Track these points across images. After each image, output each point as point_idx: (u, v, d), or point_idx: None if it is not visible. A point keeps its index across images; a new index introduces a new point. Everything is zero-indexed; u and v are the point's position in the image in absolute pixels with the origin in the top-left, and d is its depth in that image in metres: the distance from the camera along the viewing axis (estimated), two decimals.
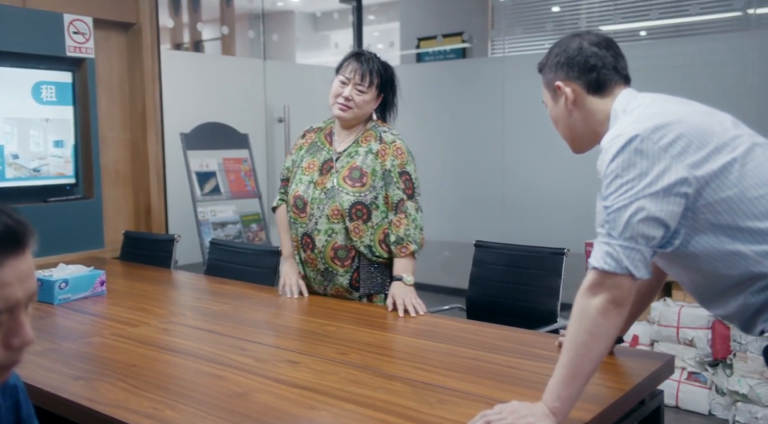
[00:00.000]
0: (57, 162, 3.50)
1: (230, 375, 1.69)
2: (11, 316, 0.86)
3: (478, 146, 4.91)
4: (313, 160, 2.50)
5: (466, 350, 1.88)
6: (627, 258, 1.30)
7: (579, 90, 1.53)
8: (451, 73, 5.20)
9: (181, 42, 9.65)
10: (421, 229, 2.43)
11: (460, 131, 5.01)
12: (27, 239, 0.87)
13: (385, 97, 2.53)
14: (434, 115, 5.17)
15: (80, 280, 2.56)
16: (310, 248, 2.44)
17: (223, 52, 8.89)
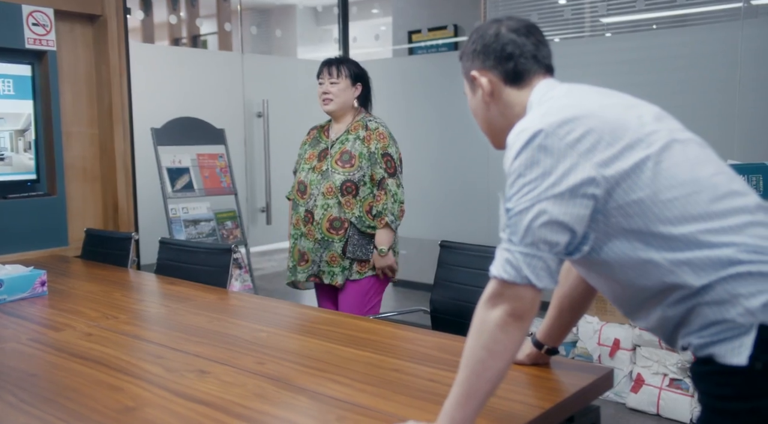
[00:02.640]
0: (17, 158, 3.42)
1: (130, 387, 1.58)
2: None
3: (463, 141, 4.76)
4: (313, 151, 2.96)
5: (393, 360, 1.75)
6: (527, 266, 1.17)
7: (495, 80, 1.39)
8: (440, 65, 5.05)
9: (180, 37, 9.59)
10: (401, 202, 2.87)
11: (446, 126, 4.86)
12: None
13: (364, 88, 2.96)
14: (422, 109, 5.03)
15: (17, 280, 2.46)
16: (310, 221, 2.88)
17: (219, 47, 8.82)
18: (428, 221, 4.95)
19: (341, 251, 2.85)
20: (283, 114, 4.83)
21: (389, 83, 4.97)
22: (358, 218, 2.83)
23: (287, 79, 4.98)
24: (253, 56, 4.97)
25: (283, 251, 8.16)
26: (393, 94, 4.95)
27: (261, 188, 4.80)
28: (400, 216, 2.87)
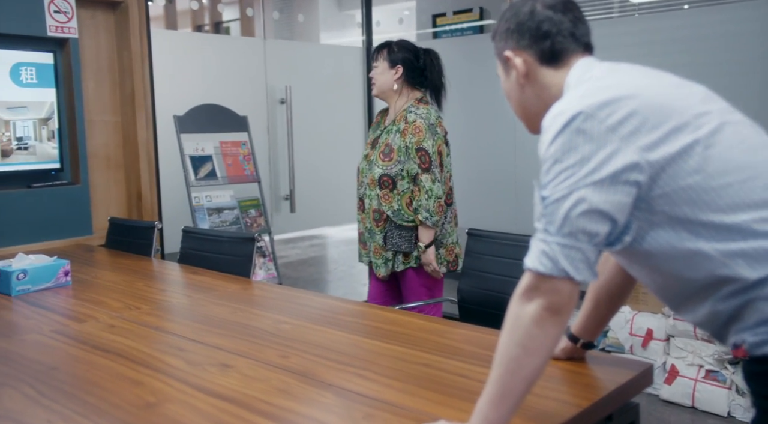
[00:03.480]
0: (40, 147, 3.41)
1: (151, 381, 1.54)
2: None
3: (489, 127, 4.66)
4: (372, 137, 2.96)
5: (421, 353, 1.69)
6: (565, 258, 1.09)
7: (531, 61, 1.31)
8: (465, 48, 4.94)
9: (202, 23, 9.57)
10: (437, 197, 2.74)
11: (471, 111, 4.76)
12: None
13: (409, 69, 2.83)
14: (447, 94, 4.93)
15: (40, 270, 2.45)
16: (362, 208, 2.92)
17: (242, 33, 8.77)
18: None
19: (382, 242, 2.83)
20: (306, 100, 4.77)
21: None
22: (395, 211, 2.78)
23: (310, 65, 4.91)
24: (276, 42, 4.91)
25: (306, 239, 8.14)
26: None
27: (284, 176, 4.76)
28: (438, 211, 2.74)
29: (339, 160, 4.97)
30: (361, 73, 5.13)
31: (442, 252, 2.85)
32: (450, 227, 2.88)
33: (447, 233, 2.87)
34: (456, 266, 2.89)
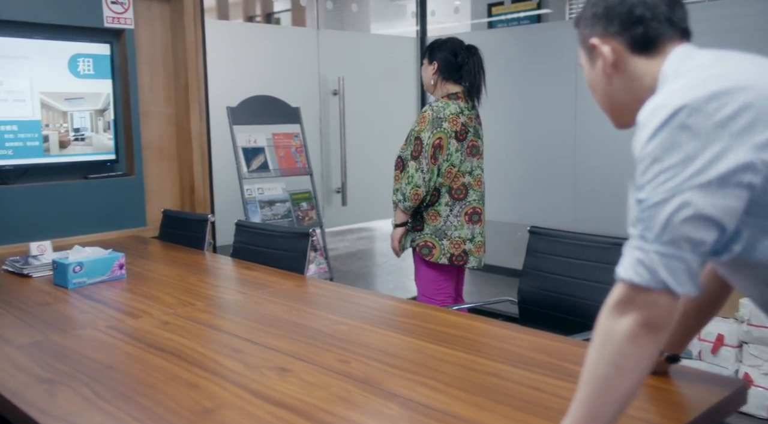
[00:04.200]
0: (96, 138, 3.41)
1: (207, 384, 1.48)
2: None
3: (547, 119, 4.50)
4: None
5: (487, 362, 1.59)
6: (665, 268, 0.98)
7: (620, 49, 1.19)
8: (522, 39, 4.77)
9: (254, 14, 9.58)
10: (416, 185, 2.80)
11: (529, 103, 4.60)
12: None
13: (441, 63, 2.92)
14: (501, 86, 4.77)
15: (96, 263, 2.43)
16: None
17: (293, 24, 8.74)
18: (508, 204, 4.72)
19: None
20: (359, 92, 4.69)
21: None
22: (398, 190, 2.89)
23: (363, 56, 4.83)
24: (329, 32, 4.84)
25: (355, 232, 8.08)
26: None
27: (336, 168, 4.70)
28: (412, 198, 2.81)
29: (391, 153, 4.86)
30: (414, 64, 5.02)
31: (446, 244, 2.87)
32: (458, 221, 2.87)
33: (453, 226, 2.87)
34: (462, 261, 2.89)
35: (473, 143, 2.90)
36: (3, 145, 3.11)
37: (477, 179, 2.92)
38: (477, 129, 2.95)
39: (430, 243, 2.87)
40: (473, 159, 2.90)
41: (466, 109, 2.89)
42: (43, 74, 3.19)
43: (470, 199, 2.89)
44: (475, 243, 2.91)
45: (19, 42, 3.10)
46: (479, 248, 2.93)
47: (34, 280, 2.51)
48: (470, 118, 2.89)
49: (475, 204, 2.91)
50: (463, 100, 2.89)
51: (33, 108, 3.17)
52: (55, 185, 3.29)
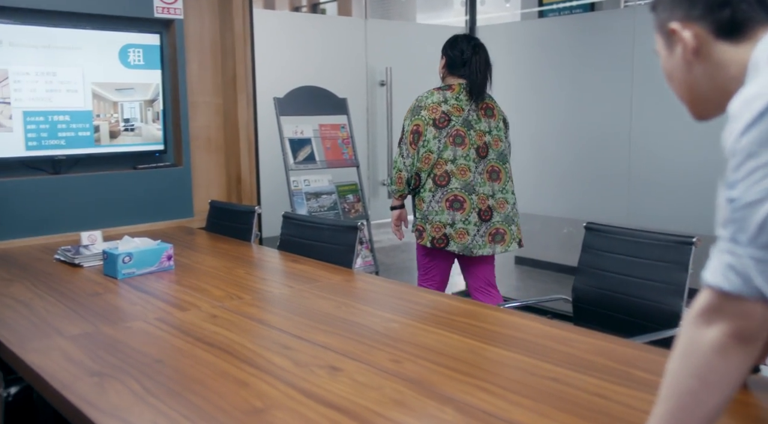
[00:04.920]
0: (145, 128, 3.42)
1: (257, 382, 1.44)
2: None
3: (601, 112, 4.35)
4: None
5: (548, 366, 1.51)
6: (761, 274, 0.89)
7: (703, 34, 1.09)
8: (574, 28, 4.63)
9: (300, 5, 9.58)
10: (398, 170, 3.03)
11: (581, 95, 4.46)
12: None
13: (446, 59, 3.14)
14: (552, 77, 4.64)
15: (145, 254, 2.42)
16: None
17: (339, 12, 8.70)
18: (557, 198, 4.59)
19: None
20: (406, 82, 4.61)
21: (515, 49, 4.62)
22: None
23: (411, 46, 4.74)
24: (377, 22, 4.77)
25: None
26: (519, 60, 4.61)
27: (383, 160, 4.64)
28: (396, 181, 3.05)
29: None
30: None
31: (428, 228, 3.00)
32: (439, 207, 2.97)
33: (435, 211, 2.98)
34: (442, 244, 2.99)
35: (457, 132, 2.97)
36: (56, 135, 3.14)
37: (461, 168, 2.96)
38: (471, 121, 3.00)
39: (420, 227, 3.03)
40: (457, 148, 2.96)
41: (454, 99, 3.00)
42: (95, 65, 3.20)
43: (452, 186, 2.96)
44: (456, 229, 2.98)
45: (71, 33, 3.13)
46: (461, 234, 2.97)
47: (84, 270, 2.52)
48: (457, 109, 2.99)
49: (457, 192, 2.96)
50: (455, 91, 3.01)
51: (85, 98, 3.19)
52: (105, 175, 3.31)
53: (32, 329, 1.81)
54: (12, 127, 3.01)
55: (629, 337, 1.85)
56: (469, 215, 2.97)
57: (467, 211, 2.97)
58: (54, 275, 2.44)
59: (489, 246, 3.03)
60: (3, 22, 2.95)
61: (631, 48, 3.91)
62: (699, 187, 3.70)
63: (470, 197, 2.97)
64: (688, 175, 3.73)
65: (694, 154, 3.71)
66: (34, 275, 2.45)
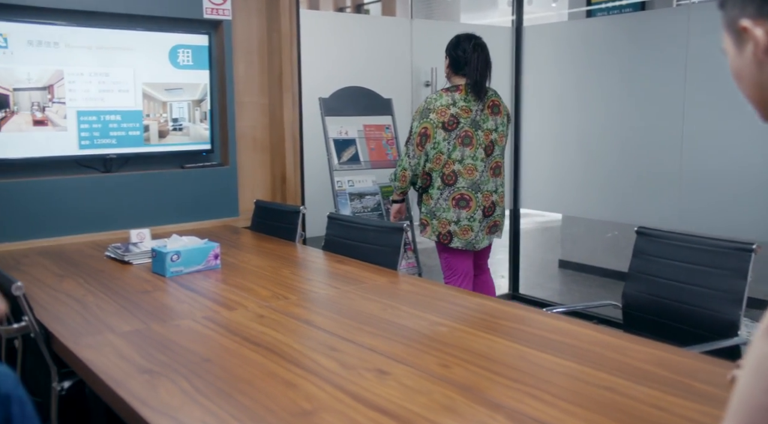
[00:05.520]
0: (193, 128, 3.47)
1: (305, 384, 1.44)
2: None
3: (652, 113, 4.24)
4: None
5: (601, 374, 1.47)
6: None
7: None
8: (624, 28, 4.52)
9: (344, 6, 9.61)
10: (403, 168, 3.19)
11: (631, 96, 4.36)
12: None
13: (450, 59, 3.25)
14: (601, 77, 4.55)
15: (193, 252, 2.45)
16: None
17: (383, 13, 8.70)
18: (603, 201, 4.50)
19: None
20: None
21: (562, 49, 4.54)
22: None
23: None
24: (422, 22, 4.74)
25: None
26: (566, 60, 4.52)
27: None
28: (400, 179, 3.21)
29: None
30: (509, 54, 4.86)
31: (435, 223, 3.19)
32: (446, 205, 3.14)
33: (442, 208, 3.15)
34: (447, 240, 3.17)
35: (466, 134, 3.11)
36: (107, 134, 3.20)
37: (468, 168, 3.12)
38: (479, 121, 3.14)
39: (425, 221, 3.23)
40: (465, 149, 3.11)
41: (462, 100, 3.11)
42: (146, 65, 3.26)
43: (459, 185, 3.13)
44: (460, 226, 3.16)
45: (124, 34, 3.18)
46: (465, 231, 3.16)
47: (133, 267, 2.56)
48: (466, 110, 3.11)
49: (464, 191, 3.13)
50: (462, 92, 3.12)
51: (135, 98, 3.25)
52: (154, 174, 3.36)
53: (85, 325, 1.84)
54: (66, 127, 3.08)
55: (684, 346, 1.79)
56: (474, 212, 3.15)
57: (473, 209, 3.15)
58: (105, 272, 2.48)
59: (487, 238, 3.25)
60: (59, 24, 3.02)
61: (684, 47, 3.80)
62: (756, 192, 3.57)
63: (476, 196, 3.15)
64: (745, 179, 3.60)
65: (751, 157, 3.58)
66: (85, 271, 2.50)
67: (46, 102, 3.00)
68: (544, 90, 4.65)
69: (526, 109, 4.75)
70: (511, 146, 4.72)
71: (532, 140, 4.74)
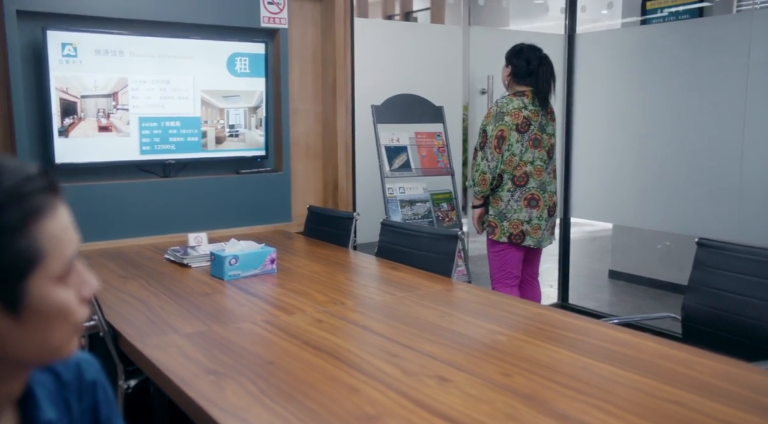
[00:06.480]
0: (249, 134, 3.53)
1: (368, 389, 1.45)
2: (75, 267, 0.77)
3: (711, 122, 4.15)
4: None
5: (667, 388, 1.44)
6: None
7: None
8: (682, 35, 4.43)
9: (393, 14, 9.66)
10: (482, 172, 3.22)
11: (689, 104, 4.27)
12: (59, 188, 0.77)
13: (512, 67, 3.33)
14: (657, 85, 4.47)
15: (250, 257, 2.49)
16: None
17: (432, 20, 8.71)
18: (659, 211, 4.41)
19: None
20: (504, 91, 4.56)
21: (616, 57, 4.47)
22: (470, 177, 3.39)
23: None
24: (476, 29, 4.74)
25: None
26: (620, 68, 4.45)
27: None
28: (480, 183, 3.25)
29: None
30: (561, 61, 4.82)
31: (506, 225, 3.27)
32: (518, 206, 3.25)
33: (513, 209, 3.25)
34: (519, 240, 3.27)
35: (536, 136, 3.24)
36: (167, 140, 3.29)
37: (537, 169, 3.25)
38: (543, 125, 3.28)
39: (493, 223, 3.30)
40: (534, 151, 3.24)
41: (531, 105, 3.24)
42: (204, 73, 3.34)
43: (530, 186, 3.25)
44: (531, 225, 3.27)
45: (185, 43, 3.27)
46: (536, 230, 3.27)
47: (192, 270, 2.62)
48: (534, 114, 3.24)
49: (534, 191, 3.25)
50: (529, 97, 3.24)
51: (194, 105, 3.33)
52: (210, 179, 3.44)
53: (150, 326, 1.90)
54: (129, 133, 3.17)
55: (748, 361, 1.74)
56: (542, 211, 3.28)
57: (541, 208, 3.28)
58: (165, 274, 2.55)
59: (550, 238, 3.40)
60: (125, 34, 3.12)
61: (746, 54, 3.71)
62: None
63: (543, 196, 3.28)
64: None
65: None
66: (147, 273, 2.56)
67: (111, 109, 3.10)
68: (597, 98, 4.59)
69: (578, 117, 4.69)
70: (561, 154, 4.67)
71: (584, 149, 4.68)
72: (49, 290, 0.73)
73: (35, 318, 0.73)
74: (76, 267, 0.78)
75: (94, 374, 0.92)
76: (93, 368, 0.92)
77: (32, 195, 0.72)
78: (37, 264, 0.72)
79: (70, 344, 0.78)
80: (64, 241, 0.75)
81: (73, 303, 0.76)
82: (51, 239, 0.73)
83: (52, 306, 0.74)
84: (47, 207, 0.73)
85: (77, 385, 0.90)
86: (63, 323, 0.75)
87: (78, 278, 0.78)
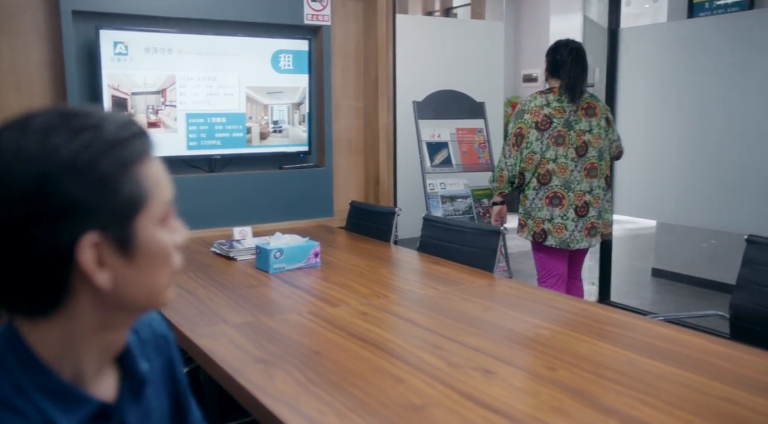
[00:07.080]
0: (292, 130, 3.58)
1: (413, 380, 1.47)
2: (172, 212, 0.80)
3: (760, 117, 4.05)
4: None
5: (717, 384, 1.43)
6: None
7: None
8: (730, 28, 4.33)
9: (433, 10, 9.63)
10: (500, 169, 3.25)
11: (737, 99, 4.17)
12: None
13: (549, 63, 3.26)
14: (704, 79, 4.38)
15: (295, 250, 2.54)
16: None
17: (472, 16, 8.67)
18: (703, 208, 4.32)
19: None
20: None
21: (662, 51, 4.39)
22: None
23: None
24: (521, 25, 4.72)
25: None
26: (666, 63, 4.37)
27: None
28: (498, 179, 3.26)
29: None
30: (603, 56, 4.76)
31: (531, 223, 3.24)
32: (540, 204, 3.20)
33: (537, 207, 3.21)
34: (541, 239, 3.21)
35: (559, 133, 3.16)
36: (213, 135, 3.36)
37: (561, 167, 3.17)
38: (572, 121, 3.18)
39: (522, 221, 3.29)
40: (558, 148, 3.16)
41: (556, 101, 3.18)
42: (249, 70, 3.40)
43: (553, 184, 3.18)
44: (554, 224, 3.19)
45: (230, 40, 3.34)
46: (559, 229, 3.18)
47: (238, 263, 2.68)
48: (559, 111, 3.17)
49: (557, 189, 3.18)
50: (556, 93, 3.19)
51: (239, 101, 3.40)
52: (255, 174, 3.50)
53: (200, 316, 1.95)
54: (176, 128, 3.25)
55: None
56: (567, 210, 3.19)
57: (566, 207, 3.19)
58: (213, 267, 2.61)
59: (585, 240, 3.25)
60: (173, 32, 3.20)
61: None
62: None
63: (568, 194, 3.19)
64: None
65: None
66: (195, 265, 2.63)
67: (159, 105, 3.18)
68: (641, 93, 4.52)
69: (621, 113, 4.62)
70: None
71: (628, 145, 4.60)
72: (155, 232, 0.76)
73: (144, 259, 0.75)
74: (172, 213, 0.80)
75: (165, 330, 0.96)
76: (163, 325, 0.96)
77: (131, 141, 0.74)
78: (142, 205, 0.74)
79: (170, 290, 0.81)
80: (162, 184, 0.78)
81: (173, 247, 0.79)
82: (151, 182, 0.76)
83: (158, 247, 0.76)
84: (144, 152, 0.76)
85: (154, 341, 0.93)
86: (166, 265, 0.78)
87: (174, 224, 0.81)
